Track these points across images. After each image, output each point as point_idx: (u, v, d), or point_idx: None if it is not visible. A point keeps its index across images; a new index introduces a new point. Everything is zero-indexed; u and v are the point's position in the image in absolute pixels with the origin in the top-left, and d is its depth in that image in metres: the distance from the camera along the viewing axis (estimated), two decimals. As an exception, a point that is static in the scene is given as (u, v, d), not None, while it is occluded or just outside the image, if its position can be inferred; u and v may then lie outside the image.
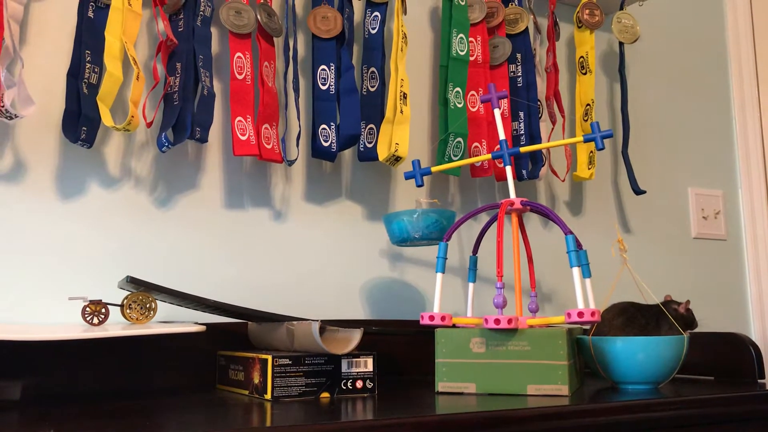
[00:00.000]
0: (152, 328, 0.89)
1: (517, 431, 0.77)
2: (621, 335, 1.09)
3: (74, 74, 1.08)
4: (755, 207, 1.81)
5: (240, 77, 1.18)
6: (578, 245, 0.98)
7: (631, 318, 1.11)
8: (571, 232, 0.97)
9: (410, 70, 1.45)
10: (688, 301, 1.14)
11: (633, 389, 1.01)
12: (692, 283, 1.72)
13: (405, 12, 1.34)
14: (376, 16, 1.32)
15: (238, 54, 1.19)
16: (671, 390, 0.99)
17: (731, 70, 1.89)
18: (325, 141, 1.24)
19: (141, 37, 1.20)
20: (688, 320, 1.15)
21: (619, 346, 1.00)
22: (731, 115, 1.87)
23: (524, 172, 1.42)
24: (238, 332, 1.17)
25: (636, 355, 1.00)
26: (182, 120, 1.12)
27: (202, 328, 0.90)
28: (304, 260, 1.29)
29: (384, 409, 0.80)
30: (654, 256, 1.68)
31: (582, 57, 1.53)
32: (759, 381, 1.12)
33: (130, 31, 1.11)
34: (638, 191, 1.54)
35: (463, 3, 1.38)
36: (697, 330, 1.19)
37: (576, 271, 0.96)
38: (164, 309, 1.15)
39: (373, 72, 1.31)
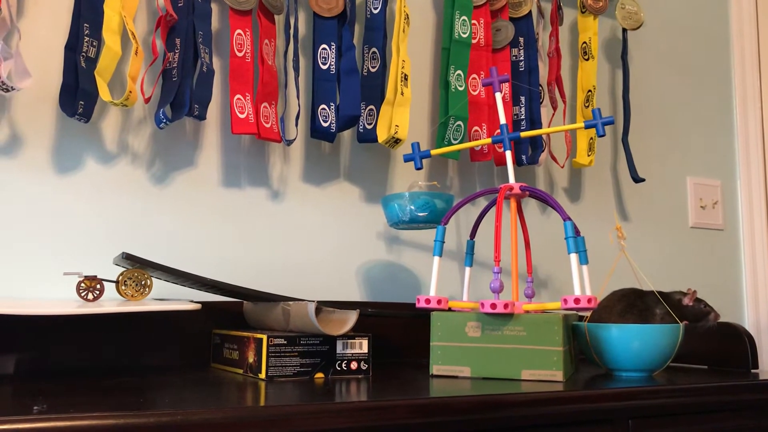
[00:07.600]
0: (147, 305, 0.88)
1: (510, 416, 0.78)
2: (620, 322, 1.09)
3: (72, 48, 1.07)
4: (753, 198, 1.81)
5: (240, 54, 1.17)
6: (576, 231, 0.97)
7: (631, 304, 1.10)
8: (570, 218, 0.97)
9: (412, 52, 1.43)
10: (694, 292, 1.10)
11: (627, 376, 1.01)
12: (688, 272, 1.72)
13: (408, -8, 1.33)
14: (379, -5, 1.30)
15: (238, 31, 1.18)
16: (665, 378, 0.99)
17: (734, 61, 1.88)
18: (325, 121, 1.23)
19: (140, 11, 1.19)
20: (695, 312, 1.10)
21: (615, 334, 1.00)
22: (732, 105, 1.86)
23: (524, 157, 1.42)
24: (234, 311, 1.17)
25: (631, 343, 1.00)
26: (181, 96, 1.11)
27: (198, 306, 0.90)
28: (300, 241, 1.28)
29: (378, 391, 0.80)
30: (651, 245, 1.68)
31: (585, 42, 1.52)
32: (752, 371, 1.12)
33: (130, 4, 1.10)
34: (637, 179, 1.54)
35: (466, -15, 1.37)
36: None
37: (573, 257, 0.95)
38: (159, 286, 1.15)
39: (374, 52, 1.29)
